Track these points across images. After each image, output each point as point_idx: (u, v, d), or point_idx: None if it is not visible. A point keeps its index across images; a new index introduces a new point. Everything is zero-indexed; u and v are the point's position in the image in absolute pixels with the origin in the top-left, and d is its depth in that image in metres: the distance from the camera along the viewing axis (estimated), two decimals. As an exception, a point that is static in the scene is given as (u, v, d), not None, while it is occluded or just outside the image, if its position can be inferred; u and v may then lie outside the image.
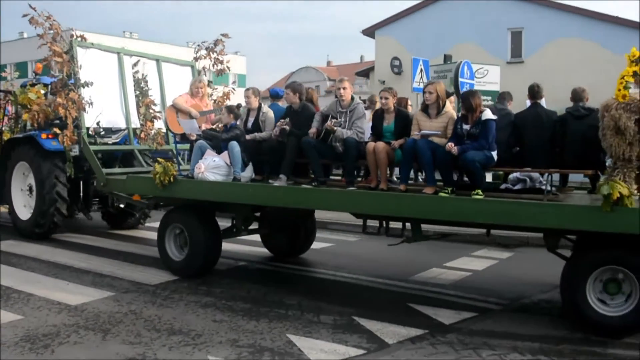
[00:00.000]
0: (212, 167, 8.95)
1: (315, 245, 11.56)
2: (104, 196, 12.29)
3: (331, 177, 8.98)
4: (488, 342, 6.26)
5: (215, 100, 11.79)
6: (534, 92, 8.20)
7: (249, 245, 11.61)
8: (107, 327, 6.66)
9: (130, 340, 6.25)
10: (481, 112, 7.49)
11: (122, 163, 11.75)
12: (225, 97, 12.13)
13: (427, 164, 7.57)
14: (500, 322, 6.97)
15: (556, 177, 7.80)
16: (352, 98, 8.49)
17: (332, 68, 78.62)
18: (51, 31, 10.40)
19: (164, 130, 11.62)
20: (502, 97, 8.86)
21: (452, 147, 7.28)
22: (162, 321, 6.89)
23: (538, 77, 23.46)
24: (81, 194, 12.35)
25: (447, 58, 17.51)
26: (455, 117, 7.86)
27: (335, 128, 8.14)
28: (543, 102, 8.46)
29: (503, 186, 7.95)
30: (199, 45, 12.20)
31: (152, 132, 11.47)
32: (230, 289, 8.37)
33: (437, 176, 7.70)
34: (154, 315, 7.11)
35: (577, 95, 8.03)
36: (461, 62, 15.62)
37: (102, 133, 11.70)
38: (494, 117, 7.52)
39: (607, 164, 7.10)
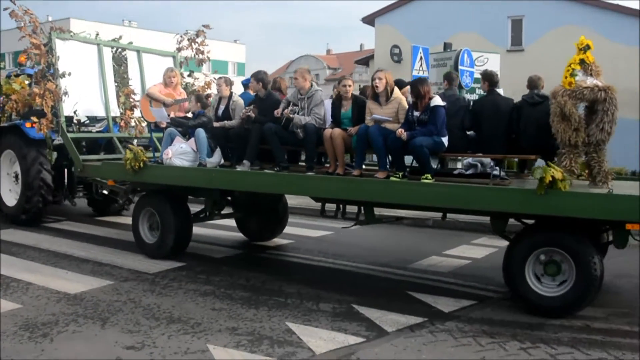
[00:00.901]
0: (179, 153, 9.38)
1: (315, 233, 11.61)
2: (88, 183, 12.55)
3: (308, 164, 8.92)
4: (487, 330, 6.27)
5: (195, 90, 12.08)
6: (492, 81, 8.35)
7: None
8: (106, 316, 6.66)
9: (129, 329, 6.25)
10: (430, 98, 7.75)
11: (106, 150, 11.88)
12: (206, 87, 12.34)
13: (379, 150, 7.88)
14: (500, 310, 6.97)
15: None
16: (311, 85, 8.81)
17: (331, 56, 78.52)
18: (30, 24, 10.71)
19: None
20: (450, 80, 8.79)
21: (401, 132, 7.58)
22: (161, 309, 6.89)
23: (538, 66, 23.38)
24: (65, 181, 12.66)
25: (447, 46, 17.43)
26: (405, 103, 8.12)
27: (291, 115, 8.56)
28: (501, 90, 8.68)
29: (457, 171, 8.43)
30: (181, 36, 12.53)
31: (132, 120, 11.61)
32: (230, 277, 8.37)
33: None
34: (153, 304, 7.11)
35: (533, 83, 8.22)
36: (461, 50, 15.54)
37: (87, 122, 12.11)
38: (442, 103, 7.78)
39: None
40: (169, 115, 10.04)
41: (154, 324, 6.39)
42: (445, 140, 7.77)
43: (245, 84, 10.87)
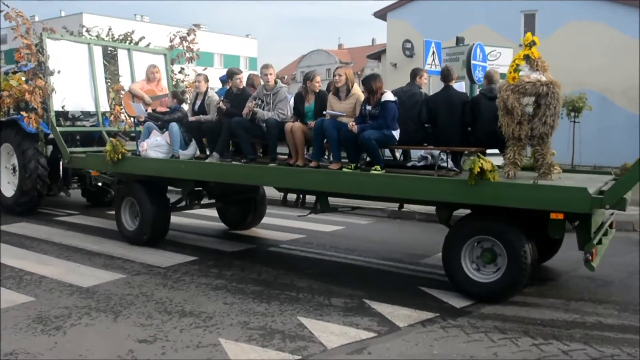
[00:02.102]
0: (153, 145, 10.02)
1: (326, 228, 11.60)
2: (82, 175, 13.12)
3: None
4: (499, 326, 6.24)
5: (185, 86, 12.75)
6: (445, 75, 8.54)
7: (259, 228, 11.63)
8: (119, 309, 6.69)
9: (142, 322, 6.28)
10: (382, 94, 8.04)
11: (99, 143, 12.26)
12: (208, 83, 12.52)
13: (333, 142, 8.28)
14: (512, 306, 6.93)
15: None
16: (276, 82, 9.27)
17: (343, 51, 78.39)
18: (23, 25, 11.28)
19: None
20: (412, 76, 8.92)
21: (352, 126, 7.95)
22: (173, 303, 6.92)
23: (551, 60, 23.25)
24: (61, 173, 13.11)
25: (459, 40, 17.33)
26: (362, 99, 8.41)
27: (255, 110, 9.06)
28: (459, 84, 8.98)
29: (410, 163, 8.79)
30: (174, 34, 13.17)
31: (122, 115, 12.20)
32: (241, 272, 8.38)
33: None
34: (165, 298, 7.13)
35: (491, 78, 8.52)
36: (474, 44, 15.45)
37: (81, 116, 12.84)
38: (393, 98, 8.09)
39: None
40: (146, 110, 10.58)
41: (166, 318, 6.41)
42: (396, 133, 8.11)
43: (223, 80, 11.09)
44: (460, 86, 9.16)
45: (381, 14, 30.20)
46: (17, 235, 10.84)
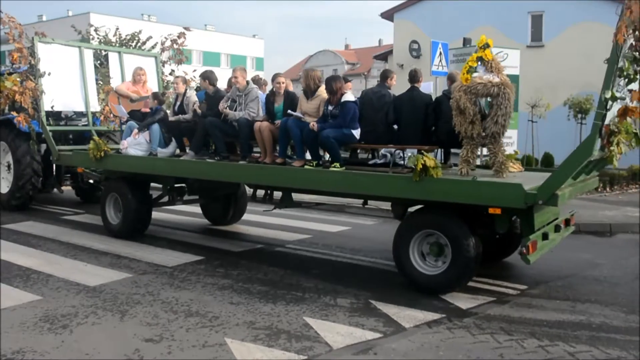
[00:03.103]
0: (133, 143, 10.58)
1: (333, 228, 11.61)
2: (75, 172, 13.69)
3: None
4: (505, 328, 6.23)
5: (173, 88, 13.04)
6: (412, 77, 8.81)
7: (265, 228, 11.65)
8: (125, 308, 6.71)
9: (148, 322, 6.30)
10: (342, 94, 8.52)
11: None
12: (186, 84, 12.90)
13: (296, 140, 8.76)
14: (518, 308, 6.93)
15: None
16: (248, 83, 9.76)
17: (350, 51, 78.38)
18: (16, 29, 11.67)
19: None
20: (383, 77, 9.17)
21: (313, 125, 8.41)
22: (179, 303, 6.93)
23: (558, 61, 23.25)
24: (54, 171, 13.96)
25: (466, 41, 17.33)
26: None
27: (226, 111, 9.54)
28: (427, 85, 9.30)
29: (372, 161, 9.10)
30: (165, 37, 13.80)
31: (112, 115, 12.60)
32: (248, 272, 8.40)
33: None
34: (171, 297, 7.15)
35: (453, 78, 8.73)
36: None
37: (73, 116, 13.49)
38: (352, 99, 8.57)
39: None
40: (137, 110, 11.27)
41: (172, 317, 6.43)
42: (355, 132, 8.56)
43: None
44: (428, 87, 9.42)
45: (388, 15, 30.17)
46: (24, 234, 10.89)
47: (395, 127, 8.78)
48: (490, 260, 8.59)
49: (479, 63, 7.81)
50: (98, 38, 23.92)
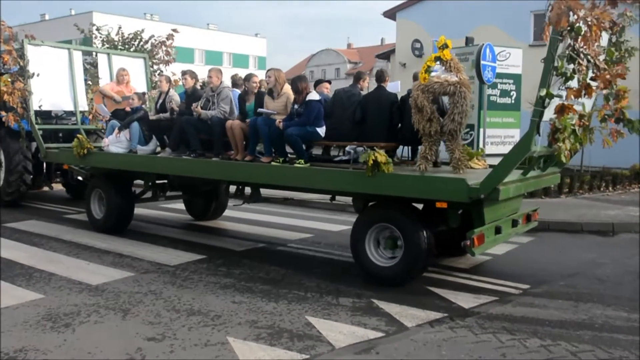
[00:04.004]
0: (115, 141, 10.99)
1: (335, 227, 11.61)
2: (64, 170, 14.02)
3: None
4: (507, 327, 6.23)
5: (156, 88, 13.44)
6: (378, 77, 9.10)
7: (267, 227, 11.66)
8: (127, 307, 6.72)
9: (150, 320, 6.30)
10: (307, 93, 8.86)
11: None
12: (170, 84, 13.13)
13: (264, 138, 9.10)
14: (520, 307, 6.92)
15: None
16: (221, 83, 10.12)
17: (352, 50, 78.37)
18: (6, 32, 12.08)
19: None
20: (355, 79, 9.53)
21: (279, 123, 8.78)
22: (181, 302, 6.94)
23: (561, 61, 23.08)
24: (44, 168, 14.47)
25: (468, 40, 17.26)
26: (292, 98, 9.19)
27: (197, 109, 9.92)
28: (394, 84, 9.57)
29: (337, 158, 9.35)
30: (155, 39, 14.48)
31: (100, 114, 13.11)
32: (250, 271, 8.40)
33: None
34: (173, 296, 7.15)
35: (416, 77, 8.82)
36: (483, 44, 15.39)
37: (64, 115, 13.81)
38: (317, 98, 8.88)
39: None
40: (122, 109, 11.65)
41: (174, 316, 6.43)
42: (320, 130, 8.87)
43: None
44: (396, 86, 9.74)
45: (390, 14, 30.18)
46: (26, 232, 10.91)
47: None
48: (459, 254, 8.99)
49: (438, 63, 8.14)
50: (100, 37, 23.92)
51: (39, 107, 12.35)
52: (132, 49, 21.91)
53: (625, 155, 20.34)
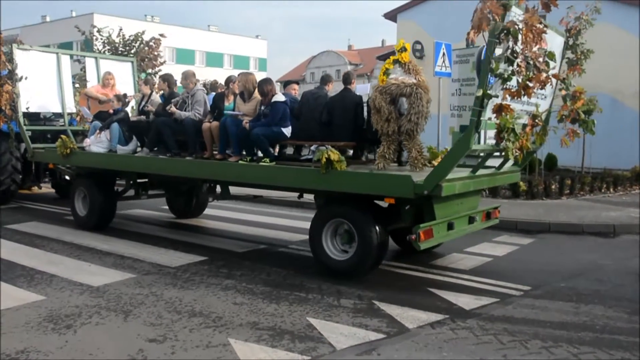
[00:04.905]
0: (95, 141, 11.49)
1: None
2: (53, 170, 14.68)
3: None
4: (509, 329, 6.23)
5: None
6: (345, 79, 9.48)
7: (268, 229, 11.66)
8: (129, 309, 6.72)
9: (152, 322, 6.30)
10: (272, 95, 9.21)
11: None
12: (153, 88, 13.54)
13: (233, 138, 9.48)
14: (521, 309, 6.92)
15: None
16: (195, 86, 10.61)
17: (353, 52, 78.34)
18: None
19: None
20: (322, 81, 9.92)
21: (245, 123, 9.18)
22: (182, 303, 6.94)
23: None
24: (33, 168, 15.08)
25: (469, 42, 17.29)
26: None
27: (172, 109, 10.30)
28: (364, 87, 9.99)
29: (303, 157, 9.66)
30: (143, 44, 14.96)
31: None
32: (251, 272, 8.40)
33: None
34: (174, 297, 7.16)
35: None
36: (484, 46, 15.40)
37: (52, 117, 14.28)
38: (282, 99, 9.24)
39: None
40: (105, 111, 12.03)
41: (175, 318, 6.44)
42: (286, 130, 9.23)
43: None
44: (365, 88, 10.20)
45: (391, 15, 30.18)
46: (28, 234, 10.92)
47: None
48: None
49: (396, 65, 8.50)
50: (101, 39, 23.95)
51: (26, 108, 12.78)
52: (132, 51, 22.03)
53: (626, 156, 20.37)
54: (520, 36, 6.76)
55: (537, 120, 7.68)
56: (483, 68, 6.95)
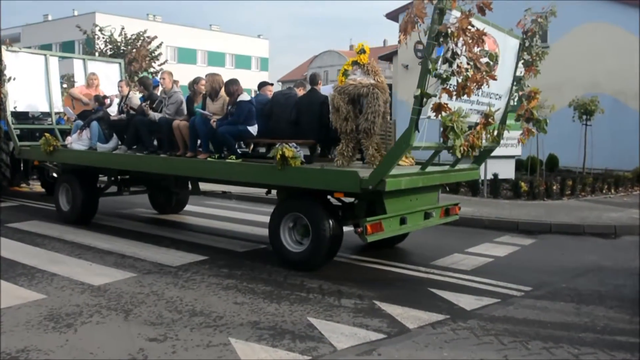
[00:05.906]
0: (76, 140, 12.01)
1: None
2: (41, 168, 15.11)
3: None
4: (509, 329, 6.22)
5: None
6: (311, 80, 9.95)
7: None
8: (129, 308, 6.72)
9: (152, 321, 6.30)
10: (238, 95, 9.55)
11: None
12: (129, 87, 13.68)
13: (202, 136, 9.88)
14: (522, 309, 6.91)
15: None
16: (172, 87, 10.99)
17: (354, 52, 78.08)
18: None
19: None
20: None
21: (213, 122, 9.52)
22: (183, 302, 6.94)
23: (563, 63, 23.17)
24: (22, 166, 15.43)
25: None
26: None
27: (145, 108, 10.84)
28: (327, 88, 10.12)
29: (271, 154, 9.50)
30: (133, 47, 15.18)
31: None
32: (252, 272, 8.40)
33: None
34: (175, 297, 7.16)
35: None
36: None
37: (40, 116, 14.77)
38: (247, 99, 9.66)
39: None
40: (89, 110, 12.52)
41: (176, 317, 6.44)
42: (252, 129, 9.58)
43: (155, 84, 12.53)
44: (329, 89, 10.22)
45: (393, 15, 30.16)
46: (29, 233, 10.92)
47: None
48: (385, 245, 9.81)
49: (355, 67, 8.86)
50: (103, 38, 23.97)
51: (14, 108, 13.28)
52: (134, 50, 22.07)
53: (627, 157, 20.35)
54: (462, 38, 6.99)
55: (489, 119, 7.99)
56: (422, 68, 7.12)
